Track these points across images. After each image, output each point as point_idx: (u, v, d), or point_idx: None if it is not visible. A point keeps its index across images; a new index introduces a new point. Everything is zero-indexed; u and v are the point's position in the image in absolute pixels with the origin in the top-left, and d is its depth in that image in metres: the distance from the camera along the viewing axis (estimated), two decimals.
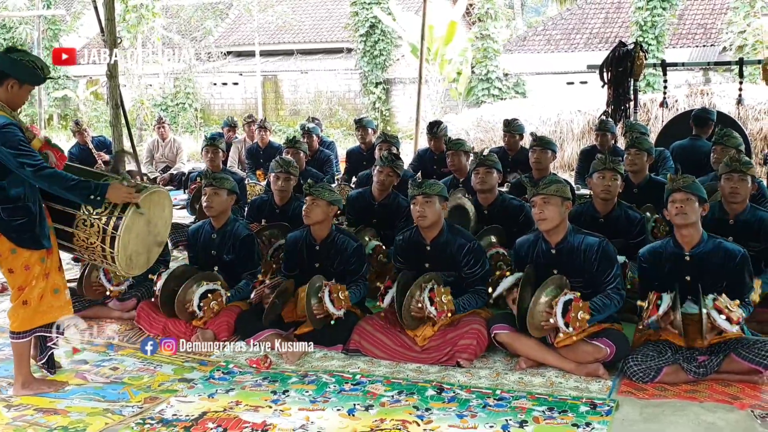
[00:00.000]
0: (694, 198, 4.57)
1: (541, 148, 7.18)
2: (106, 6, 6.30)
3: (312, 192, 5.25)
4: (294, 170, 6.74)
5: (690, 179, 4.64)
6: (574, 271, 4.76)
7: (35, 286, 4.38)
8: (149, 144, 13.07)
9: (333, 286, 4.99)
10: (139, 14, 21.71)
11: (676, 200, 4.60)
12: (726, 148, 6.80)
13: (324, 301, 4.93)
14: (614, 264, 4.77)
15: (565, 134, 13.59)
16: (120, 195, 4.37)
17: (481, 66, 21.94)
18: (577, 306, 4.50)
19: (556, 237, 4.84)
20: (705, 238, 4.64)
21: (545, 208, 4.76)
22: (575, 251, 4.79)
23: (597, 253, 4.74)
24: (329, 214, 5.34)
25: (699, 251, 4.61)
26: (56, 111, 27.37)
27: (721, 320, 4.31)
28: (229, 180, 5.74)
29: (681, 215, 4.57)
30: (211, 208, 5.63)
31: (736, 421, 3.97)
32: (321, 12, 28.45)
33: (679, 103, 12.64)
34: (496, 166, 6.33)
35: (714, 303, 4.36)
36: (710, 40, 21.95)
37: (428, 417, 4.07)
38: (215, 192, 5.61)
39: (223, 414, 4.14)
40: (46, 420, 4.10)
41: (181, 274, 5.47)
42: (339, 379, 4.59)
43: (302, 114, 23.54)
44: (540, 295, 4.61)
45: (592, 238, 4.81)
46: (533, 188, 4.85)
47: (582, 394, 4.32)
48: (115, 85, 6.42)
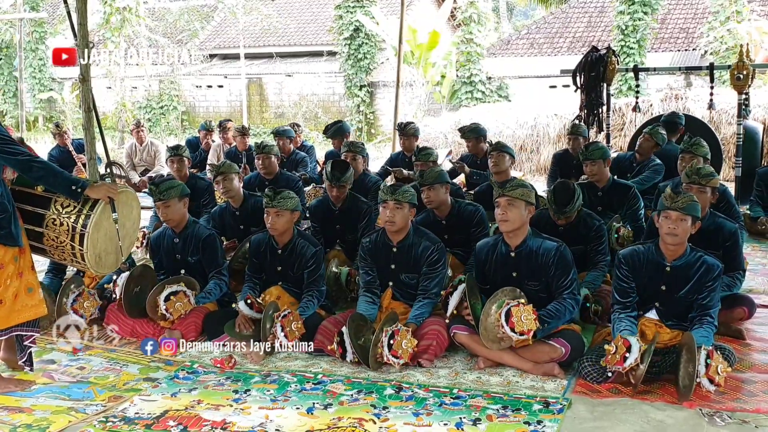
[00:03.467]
0: (688, 219, 4.56)
1: (498, 151, 7.22)
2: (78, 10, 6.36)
3: (274, 204, 5.33)
4: (229, 168, 6.77)
5: (689, 200, 4.57)
6: (532, 275, 4.86)
7: (9, 285, 4.44)
8: (127, 148, 13.10)
9: (286, 319, 4.99)
10: (122, 16, 21.74)
11: (670, 218, 4.57)
12: (694, 156, 6.86)
13: (276, 333, 4.97)
14: (571, 269, 4.86)
15: (541, 138, 13.72)
16: (101, 192, 4.52)
17: (465, 69, 22.06)
18: (517, 310, 4.58)
19: (516, 240, 4.93)
20: (688, 251, 4.65)
21: (509, 210, 4.84)
22: (533, 255, 4.88)
23: (554, 257, 4.82)
24: (292, 221, 5.45)
25: (680, 264, 4.64)
26: (41, 113, 27.33)
27: (705, 381, 4.21)
28: (174, 186, 5.72)
29: (671, 236, 4.58)
30: (170, 220, 5.72)
31: (684, 419, 4.06)
32: (306, 15, 28.53)
33: (654, 107, 12.78)
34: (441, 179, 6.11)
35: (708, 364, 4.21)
36: (692, 44, 22.12)
37: (385, 415, 4.16)
38: (166, 204, 5.66)
39: (184, 412, 4.23)
40: (11, 418, 4.16)
41: (140, 275, 5.55)
42: (301, 379, 4.68)
43: (286, 117, 23.61)
44: (490, 308, 4.71)
45: (550, 243, 4.90)
46: (500, 189, 4.92)
47: (537, 393, 4.42)
48: (87, 89, 6.46)
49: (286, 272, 5.44)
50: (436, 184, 6.05)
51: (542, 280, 4.86)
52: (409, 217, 5.24)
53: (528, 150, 13.91)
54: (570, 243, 5.36)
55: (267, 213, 5.38)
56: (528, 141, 13.90)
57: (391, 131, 12.69)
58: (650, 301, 4.75)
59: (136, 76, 23.95)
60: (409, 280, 5.20)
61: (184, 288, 5.44)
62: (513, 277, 4.92)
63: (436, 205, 6.11)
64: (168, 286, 5.43)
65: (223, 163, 6.89)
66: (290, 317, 5.03)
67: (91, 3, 20.36)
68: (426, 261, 5.16)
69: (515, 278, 4.91)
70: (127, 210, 4.83)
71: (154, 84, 24.76)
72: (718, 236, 5.37)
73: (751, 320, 5.43)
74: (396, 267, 5.23)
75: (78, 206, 4.52)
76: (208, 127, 12.31)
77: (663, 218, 4.61)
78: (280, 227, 5.37)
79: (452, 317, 4.97)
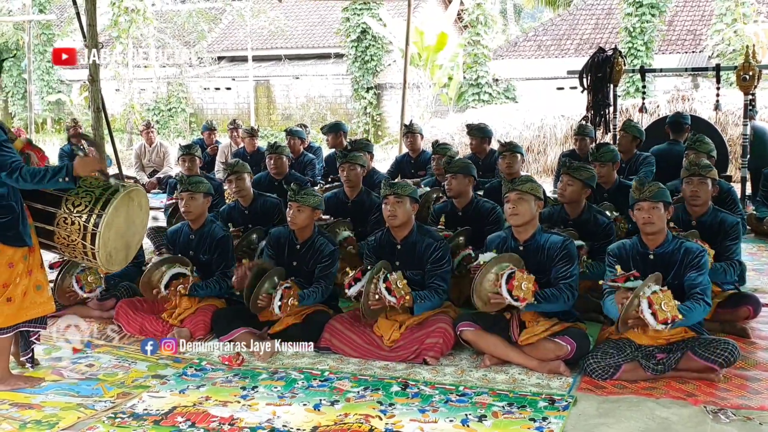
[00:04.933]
0: (660, 206, 4.68)
1: (511, 152, 7.22)
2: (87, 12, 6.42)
3: (297, 199, 5.39)
4: (242, 168, 6.85)
5: (655, 187, 4.71)
6: (539, 268, 4.89)
7: (19, 283, 4.48)
8: (136, 149, 13.19)
9: (287, 290, 5.09)
10: (131, 18, 21.84)
11: (643, 209, 4.71)
12: (698, 153, 6.87)
13: (274, 299, 5.06)
14: (573, 262, 4.91)
15: (548, 139, 13.76)
16: (87, 166, 4.46)
17: (472, 71, 22.10)
18: (521, 276, 4.65)
19: (525, 234, 5.00)
20: (669, 238, 4.76)
21: (518, 204, 4.92)
22: (541, 249, 4.95)
23: (560, 250, 4.89)
24: (313, 219, 5.51)
25: (662, 251, 4.74)
26: (50, 115, 27.46)
27: (647, 313, 4.33)
28: (204, 183, 5.85)
29: (648, 224, 4.70)
30: (189, 213, 5.76)
31: (689, 416, 4.08)
32: (313, 18, 28.60)
33: (661, 108, 12.79)
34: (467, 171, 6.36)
35: (650, 295, 4.37)
36: (699, 46, 22.11)
37: (391, 411, 4.19)
38: (191, 197, 5.74)
39: (192, 408, 4.27)
40: (21, 414, 4.21)
41: None
42: (308, 376, 4.72)
43: (294, 119, 23.67)
44: (490, 269, 4.77)
45: (557, 237, 4.97)
46: (509, 184, 5.01)
47: (542, 390, 4.45)
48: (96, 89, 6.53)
49: (300, 267, 5.48)
50: (460, 174, 6.30)
51: (549, 275, 4.90)
52: (412, 212, 5.30)
53: (535, 151, 13.94)
54: (580, 238, 5.43)
55: (289, 207, 5.44)
56: (535, 142, 13.92)
57: (397, 133, 12.74)
58: None
59: (144, 79, 24.07)
60: (414, 276, 5.22)
61: (190, 273, 5.52)
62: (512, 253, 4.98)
63: (456, 193, 6.32)
64: (178, 265, 5.50)
65: (236, 162, 6.95)
66: (291, 292, 5.10)
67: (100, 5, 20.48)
68: (430, 258, 5.21)
69: None
70: (136, 208, 4.87)
71: (162, 86, 24.85)
72: (719, 230, 5.41)
73: (756, 319, 5.44)
74: (401, 264, 5.27)
75: (90, 205, 4.55)
76: (210, 127, 12.37)
77: (636, 211, 4.76)
78: (300, 222, 5.43)
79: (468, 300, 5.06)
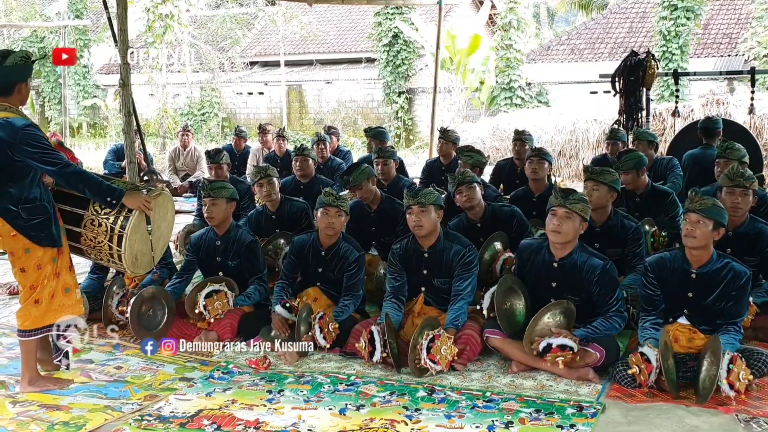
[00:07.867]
0: (708, 221, 4.48)
1: (539, 158, 7.00)
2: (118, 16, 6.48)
3: (338, 205, 5.38)
4: (273, 172, 6.87)
5: (709, 202, 4.53)
6: (573, 288, 4.82)
7: (46, 285, 4.53)
8: (170, 152, 13.30)
9: (323, 320, 5.05)
10: (165, 23, 22.04)
11: (689, 220, 4.53)
12: (729, 161, 6.71)
13: (315, 335, 5.02)
14: (616, 287, 4.82)
15: (580, 143, 13.66)
16: (136, 202, 4.61)
17: (504, 75, 22.01)
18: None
19: (562, 252, 4.87)
20: (714, 257, 4.59)
21: (564, 222, 4.77)
22: (577, 269, 4.83)
23: (599, 276, 4.77)
24: (344, 225, 5.50)
25: (706, 270, 4.59)
26: (85, 120, 27.78)
27: (725, 386, 4.19)
28: (227, 188, 5.79)
29: (690, 238, 4.53)
30: (212, 219, 5.74)
31: (720, 424, 4.01)
32: (345, 23, 28.69)
33: (695, 112, 12.64)
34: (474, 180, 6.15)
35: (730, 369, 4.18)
36: (735, 49, 21.84)
37: (417, 417, 4.16)
38: (214, 202, 5.70)
39: (218, 412, 4.27)
40: (49, 415, 4.24)
41: (151, 297, 5.47)
42: (334, 380, 4.71)
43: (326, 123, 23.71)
44: (543, 315, 4.69)
45: (596, 260, 4.82)
46: (561, 198, 4.81)
47: (570, 397, 4.39)
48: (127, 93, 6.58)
49: (326, 274, 5.46)
50: (474, 183, 6.05)
51: (583, 296, 4.81)
52: (437, 219, 5.18)
53: (567, 155, 13.83)
54: (607, 245, 5.35)
55: (326, 212, 5.38)
56: (567, 146, 13.83)
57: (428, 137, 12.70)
58: (679, 308, 4.70)
59: (178, 83, 24.26)
60: (442, 284, 5.18)
61: (225, 288, 5.50)
62: (552, 287, 4.89)
63: (471, 205, 6.07)
64: (210, 284, 5.49)
65: (267, 167, 6.96)
66: (326, 318, 5.07)
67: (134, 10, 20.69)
68: (459, 263, 5.13)
69: (554, 288, 4.89)
70: (162, 212, 4.91)
71: (195, 91, 25.04)
72: (757, 241, 5.31)
73: None
74: (428, 272, 5.22)
75: (117, 207, 4.61)
76: (239, 134, 12.37)
77: (685, 221, 4.58)
78: (338, 226, 5.42)
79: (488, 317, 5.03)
